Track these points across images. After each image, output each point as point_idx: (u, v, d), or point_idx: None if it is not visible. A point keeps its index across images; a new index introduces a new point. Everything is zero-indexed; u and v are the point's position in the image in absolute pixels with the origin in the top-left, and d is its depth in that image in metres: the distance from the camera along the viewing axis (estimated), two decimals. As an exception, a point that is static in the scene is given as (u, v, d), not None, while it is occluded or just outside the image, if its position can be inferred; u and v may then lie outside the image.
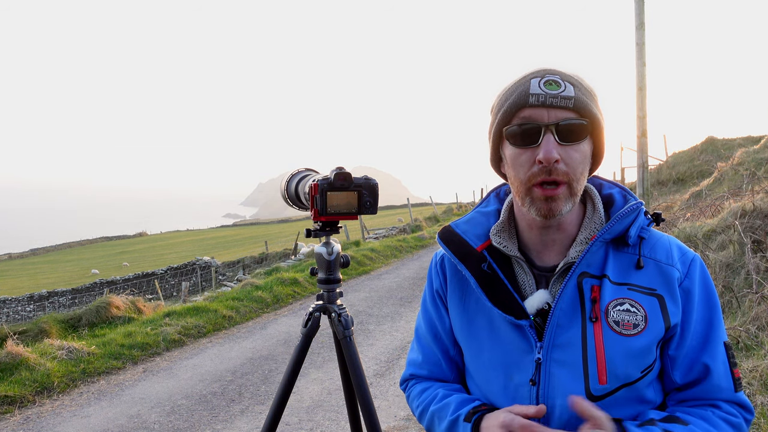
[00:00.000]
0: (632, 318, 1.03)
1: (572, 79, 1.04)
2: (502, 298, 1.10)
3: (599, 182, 1.19)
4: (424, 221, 21.46)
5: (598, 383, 1.02)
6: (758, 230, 5.01)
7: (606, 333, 1.03)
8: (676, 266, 1.07)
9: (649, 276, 1.06)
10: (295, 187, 1.78)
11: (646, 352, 1.02)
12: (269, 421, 1.72)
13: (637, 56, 10.94)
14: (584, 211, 1.14)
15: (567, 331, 1.05)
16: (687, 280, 1.06)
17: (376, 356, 5.69)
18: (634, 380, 1.03)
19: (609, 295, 1.04)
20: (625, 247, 1.08)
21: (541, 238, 1.12)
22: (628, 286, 1.05)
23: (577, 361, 1.03)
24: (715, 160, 13.42)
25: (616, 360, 1.02)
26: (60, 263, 46.09)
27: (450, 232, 1.21)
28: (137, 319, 7.73)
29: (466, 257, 1.16)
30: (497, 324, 1.12)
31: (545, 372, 1.05)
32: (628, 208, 1.08)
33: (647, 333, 1.02)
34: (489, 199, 1.26)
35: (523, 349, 1.08)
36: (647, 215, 1.09)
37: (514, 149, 1.05)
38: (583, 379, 1.03)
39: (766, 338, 3.61)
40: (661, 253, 1.08)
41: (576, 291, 1.05)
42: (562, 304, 1.05)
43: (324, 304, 1.77)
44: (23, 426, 4.39)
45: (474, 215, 1.23)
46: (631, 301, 1.04)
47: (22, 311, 22.78)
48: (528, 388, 1.07)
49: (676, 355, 1.05)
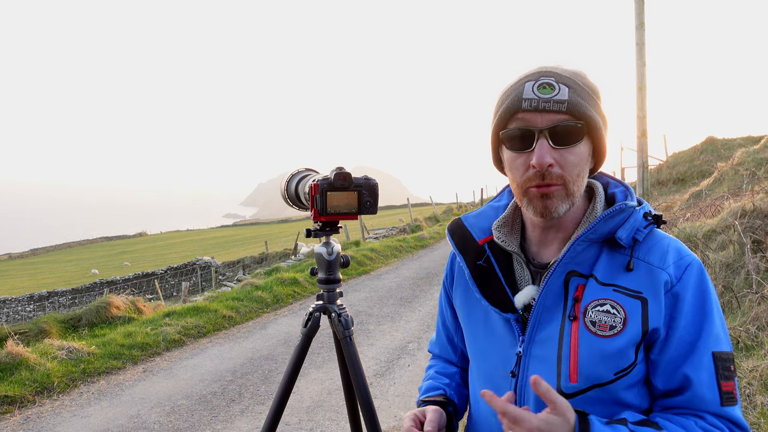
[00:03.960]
0: (610, 319, 1.01)
1: (569, 80, 1.03)
2: (493, 291, 1.13)
3: (606, 180, 1.19)
4: (424, 221, 21.46)
5: (569, 381, 1.03)
6: (758, 230, 5.01)
7: (581, 332, 1.03)
8: (667, 270, 1.03)
9: (638, 278, 1.04)
10: (295, 187, 1.78)
11: (619, 354, 1.01)
12: (269, 421, 1.72)
13: (637, 56, 10.94)
14: (586, 210, 1.14)
15: (546, 327, 1.06)
16: (679, 284, 1.03)
17: (376, 356, 5.69)
18: (605, 382, 1.02)
19: (592, 294, 1.04)
20: (620, 249, 1.07)
21: (541, 236, 1.14)
22: (614, 287, 1.04)
23: (552, 357, 1.04)
24: (715, 160, 13.41)
25: (587, 360, 1.01)
26: (60, 263, 46.09)
27: (458, 224, 1.26)
28: (137, 319, 7.73)
29: (466, 250, 1.20)
30: (491, 316, 1.15)
31: (524, 366, 1.08)
32: (614, 209, 1.05)
33: (623, 335, 1.00)
34: (503, 193, 1.27)
35: (508, 342, 1.11)
36: (647, 217, 1.07)
37: (511, 153, 1.07)
38: (556, 376, 1.04)
39: (766, 338, 3.61)
40: (656, 255, 1.05)
41: (561, 288, 1.06)
42: (544, 300, 1.07)
43: (324, 304, 1.77)
44: (23, 426, 4.39)
45: (486, 209, 1.26)
46: (612, 302, 1.02)
47: (22, 311, 22.77)
48: (508, 379, 1.10)
49: (657, 360, 1.03)
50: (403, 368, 5.30)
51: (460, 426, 1.30)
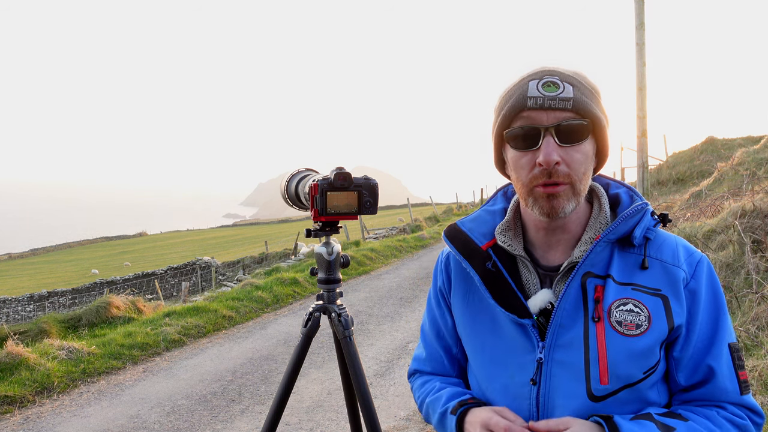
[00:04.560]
0: (635, 318, 1.02)
1: (572, 79, 1.03)
2: (505, 296, 1.10)
3: (606, 182, 1.19)
4: (424, 221, 21.46)
5: (599, 384, 1.01)
6: (758, 230, 5.01)
7: (608, 333, 1.02)
8: (682, 267, 1.05)
9: (654, 276, 1.04)
10: (295, 187, 1.78)
11: (648, 352, 1.01)
12: (269, 421, 1.72)
13: (637, 56, 10.94)
14: (590, 211, 1.13)
15: (569, 331, 1.04)
16: (693, 281, 1.05)
17: (376, 356, 5.69)
18: (636, 381, 1.02)
19: (612, 294, 1.03)
20: (631, 248, 1.07)
21: (546, 239, 1.12)
22: (633, 286, 1.04)
23: (578, 361, 1.03)
24: (715, 160, 13.41)
25: (617, 360, 1.01)
26: (60, 263, 46.08)
27: (456, 230, 1.22)
28: (137, 319, 7.73)
29: (472, 255, 1.16)
30: (500, 322, 1.12)
31: (546, 372, 1.05)
32: (633, 209, 1.07)
33: (650, 333, 1.01)
34: (496, 197, 1.26)
35: (525, 348, 1.08)
36: (654, 216, 1.08)
37: (515, 152, 1.05)
38: (584, 380, 1.02)
39: (765, 338, 3.61)
40: (667, 253, 1.07)
41: (579, 291, 1.05)
42: (565, 304, 1.05)
43: (324, 304, 1.77)
44: (23, 426, 4.39)
45: (481, 213, 1.23)
46: (634, 301, 1.02)
47: (22, 311, 22.77)
48: (528, 387, 1.07)
49: (680, 357, 1.04)
50: (403, 368, 5.29)
51: None
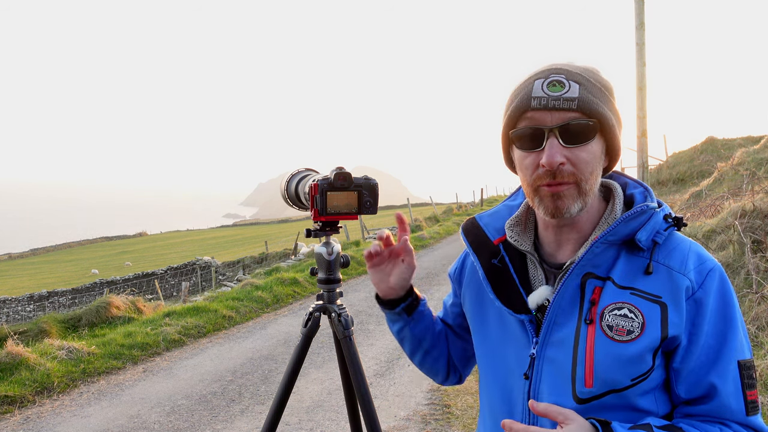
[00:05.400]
0: (627, 324, 0.99)
1: (579, 77, 1.01)
2: (507, 291, 1.11)
3: (624, 181, 1.16)
4: (424, 221, 21.46)
5: (584, 386, 1.00)
6: (758, 230, 5.01)
7: (598, 336, 1.00)
8: (688, 275, 1.00)
9: (658, 282, 1.01)
10: (295, 187, 1.78)
11: (638, 360, 0.98)
12: (269, 421, 1.72)
13: (637, 56, 10.94)
14: (604, 211, 1.11)
15: (562, 329, 1.04)
16: (701, 290, 1.00)
17: (376, 356, 5.69)
18: (622, 387, 0.99)
19: (609, 297, 1.02)
20: (639, 251, 1.04)
21: (555, 236, 1.11)
22: (632, 290, 1.01)
23: (566, 361, 1.02)
24: (715, 160, 13.41)
25: (603, 365, 0.99)
26: (60, 263, 46.08)
27: (473, 224, 1.24)
28: (137, 319, 7.73)
29: (481, 249, 1.18)
30: (504, 317, 1.14)
31: (537, 368, 1.06)
32: (635, 211, 1.02)
33: (641, 341, 0.98)
34: (518, 192, 1.25)
35: (522, 343, 1.09)
36: (667, 219, 1.04)
37: (520, 152, 1.05)
38: (570, 380, 1.01)
39: (766, 338, 3.61)
40: (676, 259, 1.02)
41: (577, 290, 1.04)
42: (560, 302, 1.04)
43: (324, 304, 1.77)
44: (23, 426, 4.39)
45: (500, 208, 1.24)
46: (630, 306, 1.00)
47: (22, 311, 22.78)
48: (522, 381, 1.08)
49: (680, 369, 1.01)
50: (403, 368, 5.29)
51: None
